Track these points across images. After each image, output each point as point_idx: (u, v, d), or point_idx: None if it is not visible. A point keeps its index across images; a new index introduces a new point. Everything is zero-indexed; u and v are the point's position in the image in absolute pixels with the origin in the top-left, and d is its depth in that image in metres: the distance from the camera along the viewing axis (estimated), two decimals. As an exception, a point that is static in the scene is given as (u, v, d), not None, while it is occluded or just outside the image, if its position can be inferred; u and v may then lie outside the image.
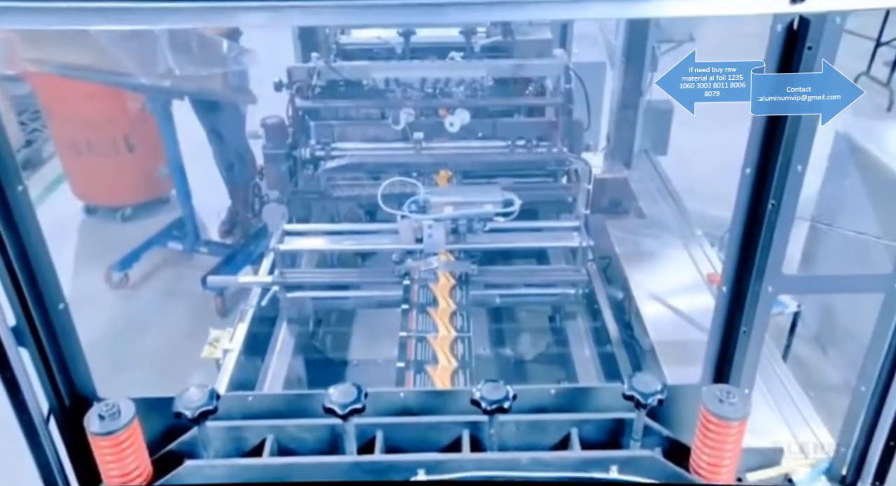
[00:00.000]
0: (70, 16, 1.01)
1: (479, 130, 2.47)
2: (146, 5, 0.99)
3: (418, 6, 0.89)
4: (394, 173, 2.17)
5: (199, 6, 0.98)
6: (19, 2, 1.00)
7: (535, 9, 0.90)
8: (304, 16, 0.99)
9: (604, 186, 2.54)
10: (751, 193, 1.04)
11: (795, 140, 0.97)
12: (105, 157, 3.71)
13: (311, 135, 2.48)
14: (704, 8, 0.89)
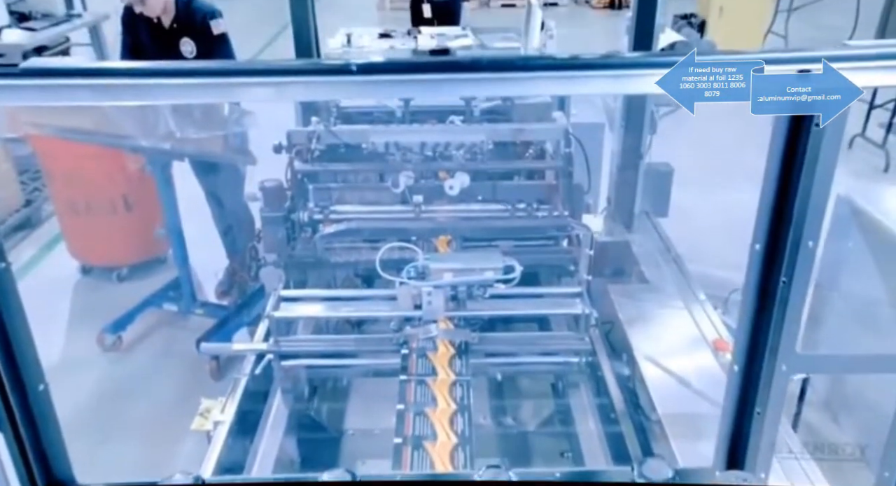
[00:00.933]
0: (77, 93, 1.01)
1: (479, 194, 2.47)
2: (153, 82, 0.99)
3: (418, 82, 0.87)
4: (392, 238, 2.14)
5: (205, 82, 0.98)
6: (25, 79, 1.00)
7: (534, 84, 0.89)
8: (306, 91, 0.99)
9: (605, 250, 2.50)
10: (761, 270, 1.01)
11: (805, 217, 0.94)
12: (103, 216, 3.70)
13: (309, 198, 2.47)
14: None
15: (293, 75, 0.94)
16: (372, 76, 0.88)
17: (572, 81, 0.88)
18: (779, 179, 0.94)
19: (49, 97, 0.99)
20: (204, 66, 1.02)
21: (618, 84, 0.90)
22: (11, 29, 4.92)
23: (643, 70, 0.86)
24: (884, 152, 4.97)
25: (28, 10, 5.32)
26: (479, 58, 0.87)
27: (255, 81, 0.96)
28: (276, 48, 8.25)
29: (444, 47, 3.93)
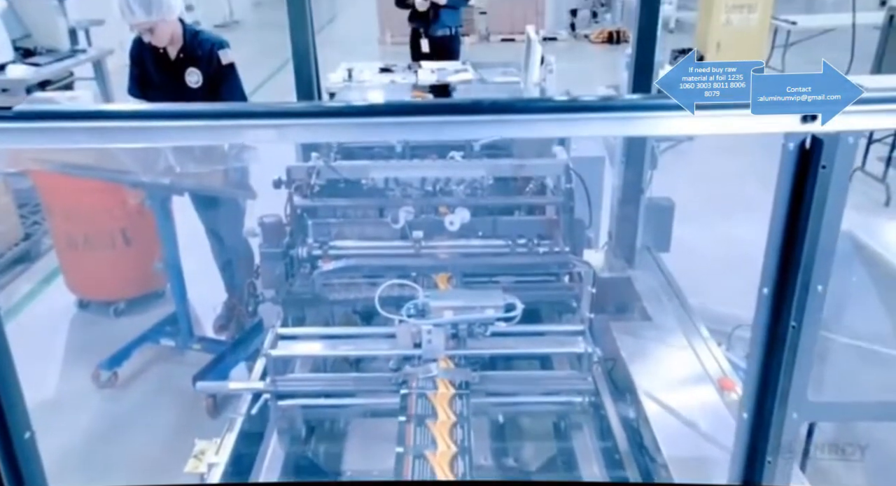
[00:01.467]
0: (72, 136, 1.01)
1: (480, 229, 2.45)
2: (151, 124, 0.98)
3: (418, 124, 0.86)
4: (392, 275, 2.12)
5: (204, 125, 0.97)
6: (18, 123, 0.99)
7: (534, 127, 0.88)
8: (307, 133, 0.98)
9: (607, 286, 2.48)
10: (769, 315, 0.98)
11: (814, 260, 0.92)
12: (101, 251, 3.69)
13: (308, 233, 2.45)
14: (713, 127, 0.86)
15: (294, 118, 0.93)
16: (373, 118, 0.86)
17: (573, 124, 0.87)
18: (786, 222, 0.92)
19: (44, 140, 0.98)
20: (203, 108, 1.01)
21: (618, 126, 0.89)
22: (16, 64, 4.97)
23: (643, 113, 0.85)
24: (884, 186, 4.98)
25: (33, 46, 5.39)
26: (480, 101, 0.86)
27: (256, 124, 0.95)
28: (277, 82, 8.34)
29: (445, 83, 3.96)
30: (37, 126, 0.95)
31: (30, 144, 0.99)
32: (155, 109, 1.01)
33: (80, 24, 6.99)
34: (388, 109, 0.87)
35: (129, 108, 0.98)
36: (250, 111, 0.97)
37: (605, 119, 0.86)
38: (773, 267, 0.96)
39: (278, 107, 0.95)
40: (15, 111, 0.96)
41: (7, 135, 0.96)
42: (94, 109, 0.99)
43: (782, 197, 0.91)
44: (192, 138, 1.05)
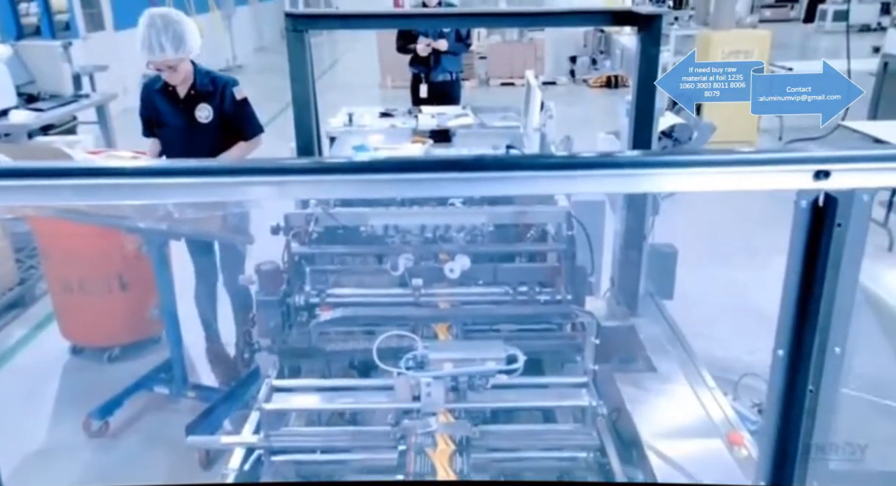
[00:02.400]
0: (82, 193, 0.99)
1: (480, 276, 2.42)
2: (154, 182, 0.96)
3: (420, 181, 0.84)
4: (390, 325, 2.07)
5: (207, 182, 0.95)
6: (28, 180, 0.97)
7: (537, 184, 0.85)
8: (308, 189, 0.96)
9: (610, 335, 2.43)
10: (785, 378, 0.94)
11: (830, 321, 0.88)
12: (97, 296, 3.64)
13: (306, 281, 2.41)
14: (720, 183, 0.83)
15: (295, 174, 0.91)
16: (373, 175, 0.84)
17: (575, 181, 0.84)
18: (800, 281, 0.88)
19: (28, 198, 0.95)
20: (202, 165, 0.99)
21: (623, 183, 0.86)
22: (19, 110, 5.00)
23: (648, 170, 0.82)
24: (886, 231, 4.96)
25: (37, 91, 5.44)
26: (482, 157, 0.83)
27: (256, 181, 0.93)
28: (277, 125, 8.41)
29: (445, 128, 3.98)
30: (21, 184, 0.92)
31: (13, 201, 0.97)
32: (153, 166, 0.98)
33: (85, 69, 7.09)
34: (389, 166, 0.85)
35: (125, 165, 0.95)
36: (250, 168, 0.94)
37: (610, 176, 0.83)
38: (788, 328, 0.92)
39: (279, 164, 0.92)
40: (6, 168, 0.94)
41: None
42: (87, 167, 0.96)
43: (796, 256, 0.87)
44: (190, 196, 1.03)
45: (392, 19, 3.32)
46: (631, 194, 2.71)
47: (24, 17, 7.41)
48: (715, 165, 0.82)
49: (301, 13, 2.45)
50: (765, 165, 0.83)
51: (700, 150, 0.85)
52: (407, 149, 3.66)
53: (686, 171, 0.82)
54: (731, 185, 0.85)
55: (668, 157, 0.82)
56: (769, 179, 0.84)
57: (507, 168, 0.81)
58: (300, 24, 2.42)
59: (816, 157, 0.82)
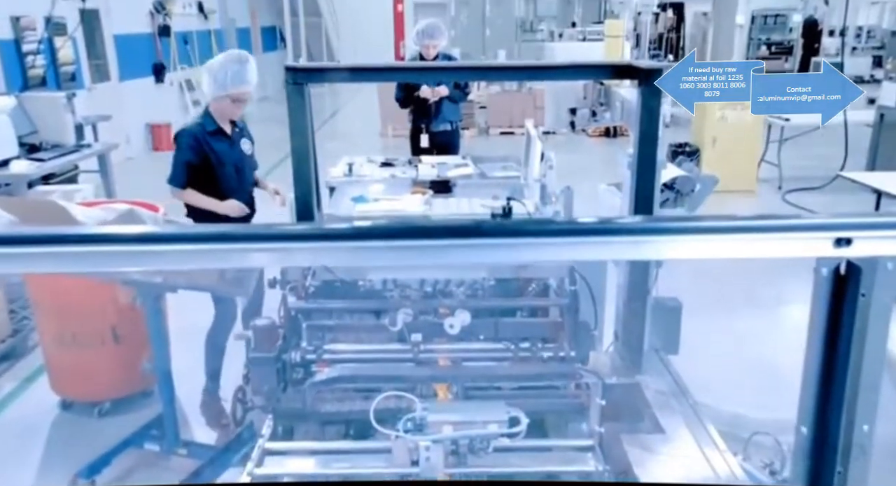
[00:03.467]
0: (81, 260, 0.95)
1: (481, 331, 2.36)
2: (159, 249, 0.93)
3: (419, 248, 0.80)
4: (388, 384, 2.00)
5: (209, 249, 0.92)
6: (28, 247, 0.93)
7: (543, 251, 0.81)
8: (308, 256, 0.93)
9: (615, 393, 2.35)
10: (811, 457, 0.87)
11: (857, 397, 0.82)
12: (89, 349, 3.56)
13: (302, 337, 2.35)
14: (733, 250, 0.79)
15: (296, 241, 0.87)
16: (374, 241, 0.80)
17: (583, 248, 0.80)
18: (823, 354, 0.83)
19: (24, 266, 0.93)
20: (201, 231, 0.95)
21: (633, 251, 0.82)
22: (20, 160, 5.02)
23: (657, 237, 0.77)
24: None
25: (39, 141, 5.47)
26: (483, 223, 0.79)
27: (261, 247, 0.90)
28: (276, 175, 8.44)
29: (445, 178, 3.97)
30: (26, 252, 0.89)
31: (18, 270, 0.94)
32: (151, 233, 0.96)
33: (88, 119, 7.15)
34: (389, 232, 0.81)
35: (122, 231, 0.92)
36: (250, 235, 0.91)
37: (619, 243, 0.79)
38: (812, 404, 0.86)
39: (279, 230, 0.89)
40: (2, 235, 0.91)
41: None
42: (81, 234, 0.93)
43: (817, 326, 0.82)
44: (190, 263, 0.99)
45: (391, 73, 3.34)
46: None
47: (31, 69, 7.51)
48: (729, 231, 0.78)
49: (301, 67, 2.45)
50: (782, 231, 0.79)
51: (712, 216, 0.81)
52: (407, 200, 3.64)
53: (699, 237, 0.77)
54: (745, 252, 0.80)
55: (681, 223, 0.78)
56: (786, 246, 0.79)
57: (510, 235, 0.77)
58: (300, 78, 2.42)
59: (837, 223, 0.77)
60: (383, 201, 3.62)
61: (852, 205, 6.58)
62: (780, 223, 0.79)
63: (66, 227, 0.95)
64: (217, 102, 3.50)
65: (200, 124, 3.53)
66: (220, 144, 3.57)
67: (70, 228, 0.97)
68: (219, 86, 3.43)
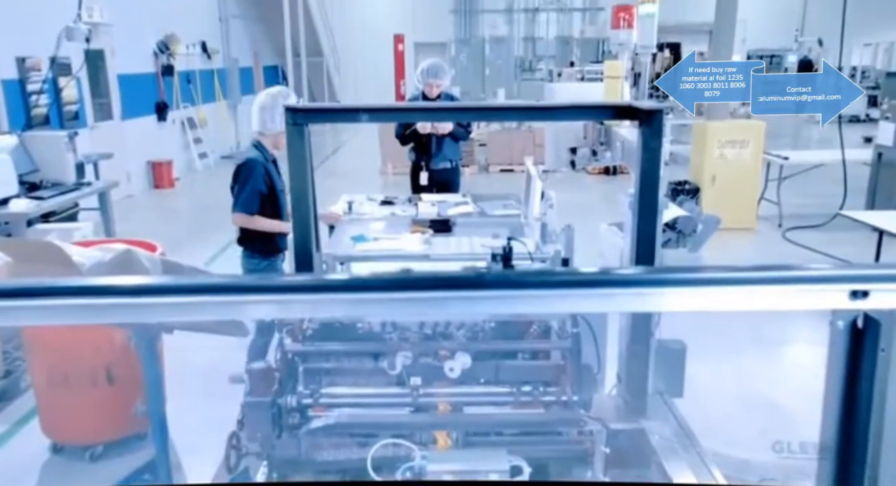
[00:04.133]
0: (75, 313, 0.95)
1: (482, 374, 2.31)
2: (156, 301, 0.91)
3: (418, 300, 0.77)
4: (387, 430, 1.95)
5: (207, 300, 0.90)
6: (26, 300, 0.91)
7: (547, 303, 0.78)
8: (307, 308, 0.91)
9: (619, 439, 2.29)
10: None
11: (880, 456, 0.78)
12: (82, 391, 3.50)
13: (298, 380, 2.30)
14: (747, 303, 0.76)
15: (293, 293, 0.85)
16: (373, 293, 0.78)
17: (588, 300, 0.77)
18: (841, 412, 0.79)
19: (46, 318, 0.92)
20: (192, 282, 0.93)
21: (641, 303, 0.79)
22: (19, 198, 5.01)
23: (668, 288, 0.74)
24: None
25: (39, 180, 5.47)
26: (483, 275, 0.76)
27: (261, 299, 0.88)
28: (280, 212, 8.44)
29: (445, 218, 3.95)
30: (19, 304, 0.87)
31: (10, 323, 0.92)
32: (146, 284, 0.94)
33: (90, 158, 7.19)
34: (388, 284, 0.79)
35: (120, 282, 0.91)
36: (248, 286, 0.89)
37: (626, 295, 0.76)
38: (831, 465, 0.82)
39: (277, 281, 0.87)
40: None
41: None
42: (75, 286, 0.91)
43: (834, 382, 0.79)
44: (186, 314, 0.98)
45: (392, 113, 3.35)
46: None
47: (34, 108, 7.58)
48: (739, 283, 0.75)
49: (301, 107, 2.46)
50: (794, 283, 0.75)
51: (722, 266, 0.79)
52: (406, 239, 3.62)
53: (708, 289, 0.74)
54: (756, 305, 0.77)
55: (689, 274, 0.75)
56: (799, 298, 0.76)
57: (512, 286, 0.74)
58: (300, 118, 2.42)
59: (852, 275, 0.74)
60: (383, 241, 3.60)
61: (853, 244, 6.56)
62: (792, 275, 0.76)
63: (59, 278, 0.93)
64: (272, 135, 3.83)
65: (262, 155, 3.85)
66: (275, 172, 3.92)
67: (64, 280, 0.94)
68: (276, 122, 3.73)
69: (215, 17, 13.95)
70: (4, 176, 5.01)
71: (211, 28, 13.64)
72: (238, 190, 3.83)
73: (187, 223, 8.86)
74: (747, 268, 0.76)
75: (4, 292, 0.91)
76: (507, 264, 2.89)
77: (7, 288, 0.93)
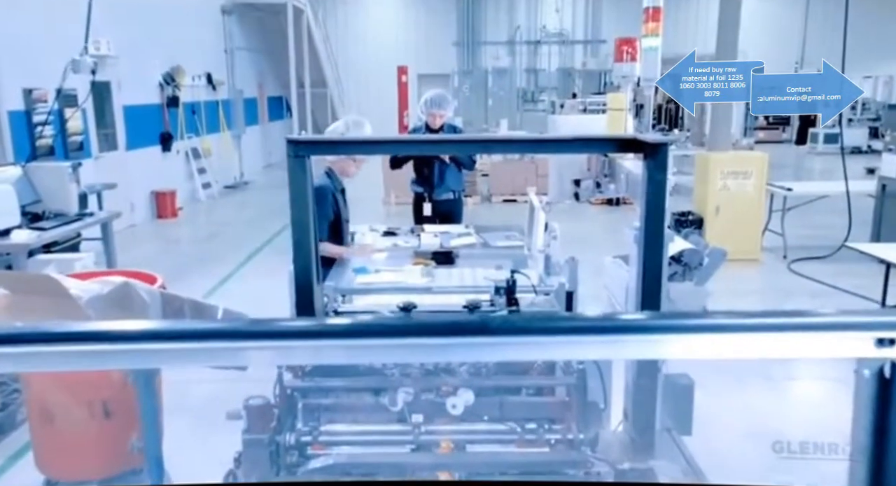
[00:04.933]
0: (75, 360, 0.93)
1: (485, 411, 2.25)
2: (159, 347, 0.89)
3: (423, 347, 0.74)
4: (387, 470, 1.89)
5: (210, 347, 0.87)
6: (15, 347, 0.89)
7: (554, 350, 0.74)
8: (308, 355, 0.88)
9: (628, 479, 2.23)
10: None
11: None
12: (78, 424, 3.42)
13: (298, 417, 2.25)
14: (766, 351, 0.72)
15: (294, 339, 0.82)
16: (376, 340, 0.75)
17: (598, 347, 0.73)
18: (871, 467, 0.74)
19: (52, 364, 0.90)
20: (189, 327, 0.90)
21: (656, 350, 0.75)
22: (21, 229, 5.00)
23: (685, 335, 0.71)
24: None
25: (42, 210, 5.46)
26: (489, 320, 0.73)
27: (261, 345, 0.85)
28: (279, 242, 8.45)
29: (448, 249, 3.92)
30: (14, 351, 0.85)
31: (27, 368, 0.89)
32: (146, 329, 0.91)
33: (93, 188, 7.20)
34: (391, 330, 0.76)
35: (116, 327, 0.88)
36: (248, 332, 0.86)
37: (637, 342, 0.72)
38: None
39: (277, 327, 0.84)
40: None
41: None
42: (70, 331, 0.88)
43: (862, 434, 0.74)
44: (182, 361, 0.96)
45: (393, 145, 3.34)
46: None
47: (39, 139, 7.63)
48: (757, 329, 0.71)
49: (303, 139, 2.44)
50: (816, 330, 0.72)
51: (737, 312, 0.75)
52: (408, 271, 3.58)
53: (724, 336, 0.71)
54: (776, 352, 0.73)
55: (706, 320, 0.72)
56: (821, 345, 0.72)
57: (518, 333, 0.71)
58: (301, 151, 2.40)
59: (877, 322, 0.71)
60: (385, 273, 3.56)
61: (860, 276, 6.51)
62: (814, 321, 0.72)
63: (52, 323, 0.90)
64: (342, 162, 4.04)
65: (332, 182, 3.99)
66: (342, 201, 4.10)
67: (57, 325, 0.92)
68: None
69: (221, 49, 14.13)
70: (7, 207, 5.00)
71: (216, 60, 13.80)
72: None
73: (189, 254, 8.84)
74: (768, 313, 0.72)
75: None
76: (510, 297, 2.85)
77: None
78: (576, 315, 0.75)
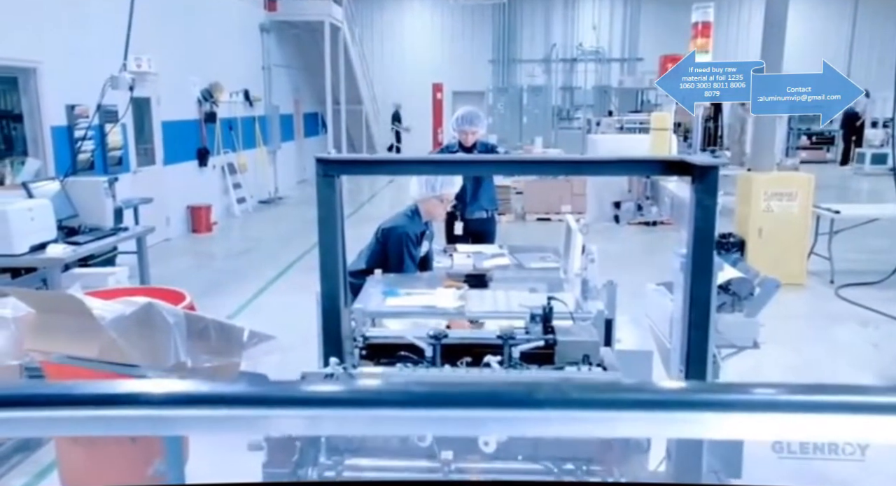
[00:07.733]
0: (92, 425, 0.87)
1: (519, 450, 2.12)
2: (176, 413, 0.80)
3: (458, 420, 0.62)
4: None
5: (230, 415, 0.79)
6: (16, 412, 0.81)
7: (608, 426, 0.62)
8: (331, 426, 0.79)
9: (672, 528, 2.06)
10: None
11: None
12: (104, 446, 3.37)
13: (320, 450, 2.14)
14: (844, 433, 0.59)
15: (318, 407, 0.72)
16: (406, 410, 0.65)
17: (665, 425, 0.61)
18: None
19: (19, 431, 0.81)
20: (221, 391, 0.81)
21: (698, 429, 0.62)
22: (56, 244, 5.03)
23: (774, 414, 0.58)
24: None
25: (78, 225, 5.50)
26: (529, 394, 0.61)
27: (286, 414, 0.76)
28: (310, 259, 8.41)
29: (481, 272, 3.80)
30: (20, 416, 0.76)
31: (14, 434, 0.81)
32: (165, 393, 0.83)
33: (130, 202, 7.26)
34: (422, 399, 0.66)
35: (143, 389, 0.80)
36: (274, 398, 0.77)
37: (710, 420, 0.60)
38: None
39: (309, 393, 0.74)
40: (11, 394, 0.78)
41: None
42: (83, 394, 0.80)
43: None
44: (203, 431, 0.88)
45: (424, 165, 3.25)
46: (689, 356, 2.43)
47: (80, 154, 7.74)
48: (829, 409, 0.58)
49: (332, 158, 2.36)
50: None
51: (811, 386, 0.64)
52: (440, 294, 3.46)
53: (795, 416, 0.58)
54: (828, 434, 0.60)
55: (802, 396, 0.59)
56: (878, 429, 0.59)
57: (570, 406, 0.59)
58: (331, 170, 2.32)
59: None
60: (415, 295, 3.45)
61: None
62: (858, 391, 0.59)
63: (59, 385, 0.82)
64: (426, 202, 3.79)
65: (414, 225, 3.78)
66: (428, 246, 3.93)
67: (64, 387, 0.84)
68: (429, 187, 3.70)
69: (259, 66, 14.31)
70: (44, 221, 5.04)
71: (254, 76, 13.98)
72: (397, 261, 3.74)
73: (222, 269, 8.87)
74: (843, 388, 0.59)
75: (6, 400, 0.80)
76: (546, 324, 2.71)
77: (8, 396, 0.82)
78: (642, 385, 0.65)
